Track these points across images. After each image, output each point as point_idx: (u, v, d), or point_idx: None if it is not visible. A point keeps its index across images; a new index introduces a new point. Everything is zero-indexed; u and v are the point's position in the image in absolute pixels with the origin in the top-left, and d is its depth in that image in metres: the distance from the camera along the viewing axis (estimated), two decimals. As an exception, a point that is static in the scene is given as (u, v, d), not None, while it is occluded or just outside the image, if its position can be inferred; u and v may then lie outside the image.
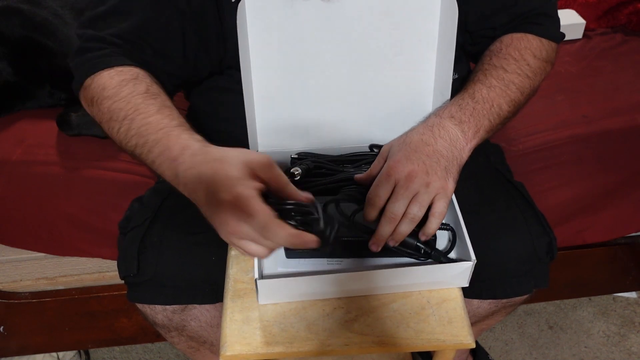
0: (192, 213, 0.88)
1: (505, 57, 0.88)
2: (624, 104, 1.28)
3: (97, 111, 0.80)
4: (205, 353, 1.05)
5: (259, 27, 0.81)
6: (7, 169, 1.18)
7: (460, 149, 0.78)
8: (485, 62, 0.89)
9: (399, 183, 0.74)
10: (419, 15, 0.82)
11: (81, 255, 1.26)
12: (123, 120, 0.75)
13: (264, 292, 0.75)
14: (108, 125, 0.78)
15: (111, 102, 0.77)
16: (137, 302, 0.89)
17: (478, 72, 0.87)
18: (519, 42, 0.90)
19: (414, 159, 0.75)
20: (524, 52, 0.88)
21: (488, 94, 0.83)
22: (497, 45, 0.91)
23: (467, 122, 0.80)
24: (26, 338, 1.39)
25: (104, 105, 0.78)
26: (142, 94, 0.77)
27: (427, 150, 0.76)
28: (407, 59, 0.85)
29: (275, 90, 0.85)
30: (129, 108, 0.75)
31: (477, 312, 0.98)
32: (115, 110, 0.76)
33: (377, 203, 0.75)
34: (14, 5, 1.25)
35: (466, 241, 0.77)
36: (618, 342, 1.50)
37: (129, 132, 0.74)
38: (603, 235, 1.31)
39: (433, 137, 0.78)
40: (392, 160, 0.76)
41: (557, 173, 1.23)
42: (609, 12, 1.51)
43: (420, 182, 0.73)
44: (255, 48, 0.82)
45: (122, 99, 0.76)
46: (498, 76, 0.85)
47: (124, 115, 0.75)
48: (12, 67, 1.24)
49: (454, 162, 0.77)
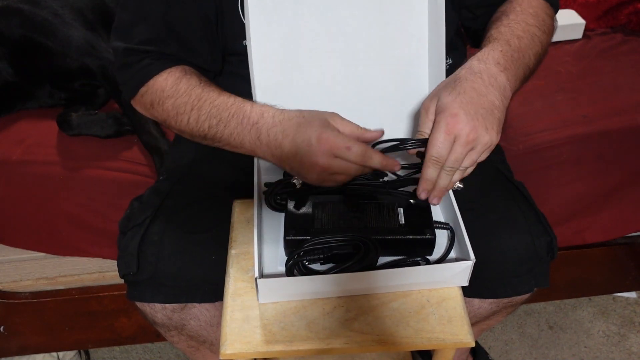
0: (192, 212, 0.90)
1: (523, 13, 0.87)
2: (624, 104, 1.28)
3: (160, 111, 0.88)
4: (205, 352, 1.05)
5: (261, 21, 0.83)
6: (7, 169, 1.18)
7: (507, 97, 0.77)
8: (503, 19, 0.87)
9: (459, 140, 0.71)
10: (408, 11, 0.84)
11: (81, 255, 1.26)
12: (191, 111, 0.84)
13: (264, 291, 0.75)
14: (176, 120, 0.86)
15: (173, 99, 0.86)
16: (136, 301, 0.89)
17: (500, 27, 0.86)
18: (530, 1, 0.90)
19: (473, 113, 0.72)
20: (538, 10, 0.89)
21: (519, 43, 0.82)
22: (508, 5, 0.91)
23: (510, 69, 0.79)
24: (26, 338, 1.39)
25: (167, 104, 0.86)
26: (198, 85, 0.86)
27: (483, 102, 0.73)
28: (400, 54, 0.86)
29: (275, 85, 0.87)
30: (192, 100, 0.84)
31: (478, 313, 0.98)
32: (180, 105, 0.85)
33: (440, 162, 0.73)
34: (14, 5, 1.25)
35: (465, 241, 0.77)
36: (618, 342, 1.50)
37: (200, 119, 0.83)
38: (603, 235, 1.31)
39: (484, 86, 0.74)
40: (449, 114, 0.72)
41: (557, 173, 1.23)
42: (609, 12, 1.51)
43: (480, 138, 0.72)
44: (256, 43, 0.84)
45: (182, 94, 0.85)
46: (522, 29, 0.85)
47: (190, 106, 0.84)
48: (12, 67, 1.24)
49: (504, 111, 0.75)
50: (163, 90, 0.87)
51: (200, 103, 0.84)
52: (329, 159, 0.75)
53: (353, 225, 0.80)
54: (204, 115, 0.83)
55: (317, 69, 0.87)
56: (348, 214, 0.81)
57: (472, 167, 0.76)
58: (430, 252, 0.81)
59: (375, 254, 0.76)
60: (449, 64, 1.00)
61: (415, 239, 0.79)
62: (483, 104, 0.73)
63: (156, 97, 0.88)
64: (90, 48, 1.27)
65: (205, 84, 0.86)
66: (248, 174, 0.89)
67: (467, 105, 0.72)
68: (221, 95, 0.84)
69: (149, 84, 0.88)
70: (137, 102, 0.92)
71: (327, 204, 0.83)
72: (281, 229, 0.81)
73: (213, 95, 0.84)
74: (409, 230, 0.79)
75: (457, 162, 0.73)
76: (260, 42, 0.84)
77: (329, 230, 0.79)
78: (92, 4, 1.35)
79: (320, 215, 0.81)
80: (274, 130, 0.79)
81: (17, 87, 1.26)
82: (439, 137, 0.72)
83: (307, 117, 0.78)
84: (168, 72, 0.88)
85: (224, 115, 0.82)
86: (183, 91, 0.85)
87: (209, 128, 0.83)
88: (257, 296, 0.76)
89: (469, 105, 0.72)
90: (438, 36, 0.84)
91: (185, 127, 0.86)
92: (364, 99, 0.89)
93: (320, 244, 0.76)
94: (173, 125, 0.88)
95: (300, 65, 0.86)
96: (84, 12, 1.32)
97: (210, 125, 0.83)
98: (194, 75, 0.88)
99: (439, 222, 0.82)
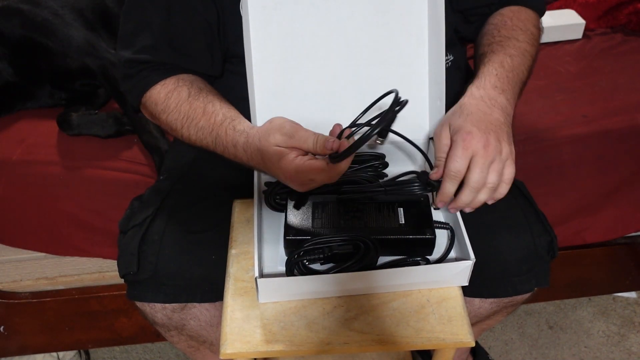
0: (193, 212, 0.90)
1: (514, 29, 0.91)
2: (623, 104, 1.28)
3: (160, 124, 0.92)
4: (205, 352, 1.05)
5: (261, 21, 0.83)
6: (7, 169, 1.18)
7: (510, 114, 0.81)
8: (495, 35, 0.91)
9: (478, 153, 0.74)
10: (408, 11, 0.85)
11: (81, 255, 1.26)
12: (181, 128, 0.87)
13: (264, 291, 0.75)
14: (174, 134, 0.90)
15: (165, 115, 0.89)
16: (136, 301, 0.89)
17: (493, 44, 0.90)
18: (519, 14, 0.94)
19: (484, 128, 0.75)
20: (527, 24, 0.93)
21: (512, 63, 0.86)
22: (499, 18, 0.95)
23: (508, 90, 0.83)
24: (26, 338, 1.39)
25: (162, 119, 0.90)
26: (187, 100, 0.87)
27: (490, 119, 0.77)
28: (399, 54, 0.86)
29: (274, 86, 0.87)
30: (181, 118, 0.87)
31: (479, 313, 0.98)
32: (172, 121, 0.88)
33: (458, 177, 0.75)
34: (14, 6, 1.25)
35: (465, 240, 0.77)
36: (618, 342, 1.50)
37: (191, 137, 0.87)
38: (603, 235, 1.31)
39: (488, 107, 0.79)
40: (464, 132, 0.75)
41: (557, 173, 1.23)
42: (608, 12, 1.51)
43: (496, 150, 0.74)
44: (256, 43, 0.84)
45: (173, 110, 0.88)
46: (514, 46, 0.88)
47: (180, 125, 0.87)
48: (12, 67, 1.24)
49: (510, 128, 0.79)
50: (157, 104, 0.90)
51: (188, 122, 0.86)
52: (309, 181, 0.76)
53: (353, 225, 0.80)
54: (194, 136, 0.86)
55: (317, 69, 0.87)
56: (348, 213, 0.81)
57: (504, 184, 0.76)
58: (430, 252, 0.81)
59: (375, 253, 0.76)
60: (450, 60, 1.00)
61: (415, 238, 0.79)
62: (491, 121, 0.77)
63: (153, 110, 0.91)
64: (90, 48, 1.27)
65: (194, 97, 0.87)
66: (248, 174, 0.89)
67: (479, 123, 0.76)
68: (204, 115, 0.85)
69: (146, 95, 0.91)
70: (143, 111, 0.96)
71: (327, 204, 0.83)
72: (281, 229, 0.81)
73: (198, 114, 0.85)
74: (409, 230, 0.79)
75: (482, 178, 0.74)
76: (260, 42, 0.84)
77: (329, 230, 0.79)
78: (92, 4, 1.34)
79: (320, 215, 0.81)
80: (250, 164, 0.82)
81: (17, 87, 1.26)
82: (457, 153, 0.74)
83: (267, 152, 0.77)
84: (162, 84, 0.90)
85: (210, 141, 0.85)
86: (173, 107, 0.88)
87: (201, 143, 0.86)
88: (257, 296, 0.76)
89: (480, 123, 0.76)
90: (438, 36, 0.84)
91: (187, 141, 0.89)
92: (364, 99, 0.88)
93: (320, 243, 0.76)
94: (176, 136, 0.91)
95: (300, 65, 0.86)
96: (84, 12, 1.32)
97: (203, 144, 0.86)
98: (184, 88, 0.89)
99: (439, 222, 0.82)
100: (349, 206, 0.82)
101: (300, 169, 0.74)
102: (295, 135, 0.75)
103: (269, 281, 0.74)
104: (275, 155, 0.75)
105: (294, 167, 0.74)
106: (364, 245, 0.76)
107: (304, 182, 0.76)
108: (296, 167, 0.74)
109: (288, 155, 0.75)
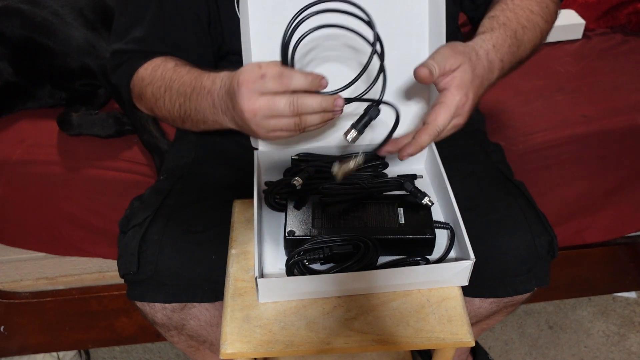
0: (192, 212, 0.90)
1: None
2: (623, 104, 1.28)
3: (146, 101, 0.90)
4: (205, 352, 1.05)
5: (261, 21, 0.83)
6: (7, 169, 1.18)
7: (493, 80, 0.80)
8: (509, 2, 0.88)
9: (456, 112, 0.74)
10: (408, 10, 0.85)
11: (81, 255, 1.26)
12: (165, 92, 0.85)
13: (264, 291, 0.75)
14: (156, 106, 0.87)
15: (151, 86, 0.87)
16: (136, 300, 0.89)
17: (506, 10, 0.86)
18: None
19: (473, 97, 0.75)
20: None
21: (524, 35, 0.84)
22: None
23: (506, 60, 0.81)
24: (26, 338, 1.39)
25: (148, 91, 0.88)
26: (172, 67, 0.86)
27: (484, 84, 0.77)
28: (400, 53, 0.86)
29: None
30: (165, 82, 0.85)
31: (479, 312, 0.98)
32: (156, 89, 0.86)
33: (438, 134, 0.74)
34: (14, 6, 1.25)
35: (465, 240, 0.77)
36: (618, 342, 1.50)
37: (172, 98, 0.84)
38: (603, 235, 1.31)
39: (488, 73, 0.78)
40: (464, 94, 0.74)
41: (557, 173, 1.23)
42: (608, 12, 1.51)
43: (468, 110, 0.75)
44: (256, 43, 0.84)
45: (158, 79, 0.86)
46: (527, 17, 0.86)
47: (164, 89, 0.85)
48: (12, 67, 1.24)
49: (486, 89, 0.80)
50: (143, 79, 0.89)
51: (171, 83, 0.84)
52: (251, 99, 0.68)
53: (353, 224, 0.80)
54: (175, 94, 0.83)
55: (316, 69, 0.87)
56: (348, 213, 0.82)
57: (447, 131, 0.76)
58: (430, 252, 0.81)
59: (375, 253, 0.76)
60: None
61: (415, 238, 0.79)
62: (482, 85, 0.77)
63: (139, 87, 0.90)
64: (90, 48, 1.27)
65: (180, 65, 0.86)
66: (248, 173, 0.89)
67: (477, 89, 0.75)
68: (189, 72, 0.82)
69: (134, 77, 0.90)
70: (135, 100, 0.94)
71: (327, 204, 0.83)
72: (281, 228, 0.81)
73: (182, 73, 0.83)
74: (408, 230, 0.79)
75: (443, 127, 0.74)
76: (260, 42, 0.84)
77: (329, 230, 0.79)
78: (93, 3, 1.35)
79: (320, 215, 0.81)
80: (221, 93, 0.75)
81: (17, 87, 1.26)
82: (449, 111, 0.73)
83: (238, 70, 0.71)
84: (149, 62, 0.90)
85: (188, 90, 0.81)
86: (159, 76, 0.86)
87: (180, 107, 0.83)
88: (257, 296, 0.77)
89: (477, 89, 0.76)
90: (439, 35, 0.84)
91: (165, 112, 0.86)
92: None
93: (320, 243, 0.76)
94: (157, 113, 0.89)
95: (300, 65, 0.86)
96: (84, 12, 1.32)
97: (180, 104, 0.83)
98: (172, 60, 0.88)
99: (439, 222, 0.82)
100: (349, 206, 0.83)
101: (251, 83, 0.68)
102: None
103: (269, 281, 0.74)
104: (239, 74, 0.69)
105: (246, 82, 0.68)
106: (363, 245, 0.76)
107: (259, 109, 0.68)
108: (247, 82, 0.68)
109: (246, 72, 0.69)
